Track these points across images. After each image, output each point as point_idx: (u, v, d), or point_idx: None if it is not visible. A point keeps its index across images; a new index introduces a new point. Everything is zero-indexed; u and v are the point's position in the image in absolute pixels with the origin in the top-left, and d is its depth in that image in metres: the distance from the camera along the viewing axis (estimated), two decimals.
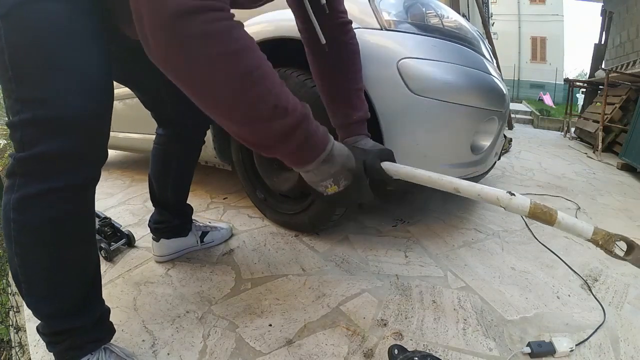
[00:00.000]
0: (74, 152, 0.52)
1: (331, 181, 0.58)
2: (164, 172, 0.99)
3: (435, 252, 1.15)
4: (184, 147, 0.98)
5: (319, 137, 0.53)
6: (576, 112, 6.10)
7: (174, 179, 1.00)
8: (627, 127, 3.19)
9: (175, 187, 1.02)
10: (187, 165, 1.02)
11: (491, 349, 0.75)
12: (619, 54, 5.49)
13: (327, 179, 0.57)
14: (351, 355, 0.73)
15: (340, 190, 0.59)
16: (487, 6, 7.52)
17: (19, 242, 0.55)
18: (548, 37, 15.93)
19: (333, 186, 0.58)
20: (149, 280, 1.00)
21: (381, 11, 1.01)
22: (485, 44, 1.35)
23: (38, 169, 0.52)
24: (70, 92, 0.50)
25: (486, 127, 1.13)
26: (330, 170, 0.56)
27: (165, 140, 0.97)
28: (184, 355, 0.73)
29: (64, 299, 0.60)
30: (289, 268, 1.05)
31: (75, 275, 0.61)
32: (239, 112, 0.46)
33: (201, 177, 2.04)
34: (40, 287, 0.58)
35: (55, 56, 0.50)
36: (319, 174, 0.57)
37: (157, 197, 1.03)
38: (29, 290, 0.58)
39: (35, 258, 0.56)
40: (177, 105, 0.90)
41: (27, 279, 0.57)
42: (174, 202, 1.04)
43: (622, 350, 0.76)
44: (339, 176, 0.57)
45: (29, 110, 0.50)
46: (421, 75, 0.97)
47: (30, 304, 0.59)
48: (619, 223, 1.50)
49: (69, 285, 0.60)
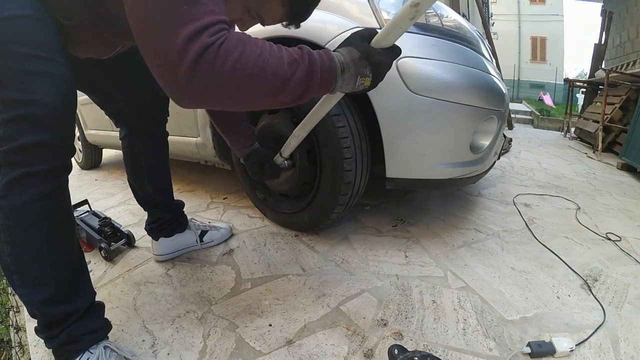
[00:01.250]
0: (50, 142, 0.59)
1: (359, 78, 0.61)
2: (137, 171, 1.03)
3: (435, 252, 1.15)
4: (147, 142, 1.01)
5: (326, 57, 0.58)
6: (576, 112, 6.09)
7: (148, 175, 1.03)
8: (627, 127, 3.19)
9: (152, 182, 1.04)
10: (156, 158, 1.04)
11: (491, 349, 0.75)
12: (619, 54, 5.48)
13: (356, 79, 0.61)
14: (351, 355, 0.73)
15: (373, 74, 0.62)
16: (487, 6, 7.52)
17: (8, 228, 0.59)
18: (548, 37, 15.92)
19: (365, 79, 0.62)
20: (149, 280, 1.00)
21: (381, 11, 1.01)
22: (485, 44, 1.35)
23: (19, 158, 0.57)
24: (46, 93, 0.58)
25: (485, 126, 1.13)
26: (351, 71, 0.60)
27: (128, 142, 1.01)
28: (184, 355, 0.73)
29: (54, 283, 0.63)
30: (289, 268, 1.05)
31: (63, 259, 0.65)
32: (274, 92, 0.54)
33: (201, 177, 2.05)
34: (31, 274, 0.61)
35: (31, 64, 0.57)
36: (348, 81, 0.61)
37: (141, 198, 1.07)
38: (21, 281, 0.61)
39: (24, 242, 0.60)
40: (129, 103, 0.95)
41: (19, 267, 0.61)
42: (157, 197, 1.06)
43: (622, 350, 0.76)
44: (360, 69, 0.61)
45: (9, 110, 0.56)
46: (420, 74, 0.97)
47: (24, 295, 0.62)
48: (619, 223, 1.50)
49: (58, 268, 0.63)
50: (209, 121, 1.39)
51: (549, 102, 12.29)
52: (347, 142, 1.03)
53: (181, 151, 1.65)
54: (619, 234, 1.35)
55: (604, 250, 1.22)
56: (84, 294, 0.68)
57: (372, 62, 0.61)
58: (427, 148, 1.04)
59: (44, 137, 0.58)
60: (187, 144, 1.58)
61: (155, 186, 1.04)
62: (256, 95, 0.53)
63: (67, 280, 0.65)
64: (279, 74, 0.52)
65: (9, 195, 0.58)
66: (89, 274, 0.72)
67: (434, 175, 1.08)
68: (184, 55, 0.45)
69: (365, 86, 0.63)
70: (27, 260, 0.61)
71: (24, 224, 0.59)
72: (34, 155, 0.58)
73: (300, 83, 0.54)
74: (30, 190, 0.59)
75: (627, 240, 1.31)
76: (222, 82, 0.49)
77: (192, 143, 1.55)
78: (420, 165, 1.06)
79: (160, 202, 1.07)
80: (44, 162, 0.59)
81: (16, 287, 0.62)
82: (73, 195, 0.71)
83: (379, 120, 1.02)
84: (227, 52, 0.47)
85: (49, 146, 0.59)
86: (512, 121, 5.60)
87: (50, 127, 0.58)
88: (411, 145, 1.03)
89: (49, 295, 0.62)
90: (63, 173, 0.63)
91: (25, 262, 0.61)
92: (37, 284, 0.61)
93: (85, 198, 1.44)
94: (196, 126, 1.49)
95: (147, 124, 0.99)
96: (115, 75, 0.91)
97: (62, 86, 0.60)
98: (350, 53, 0.60)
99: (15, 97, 0.56)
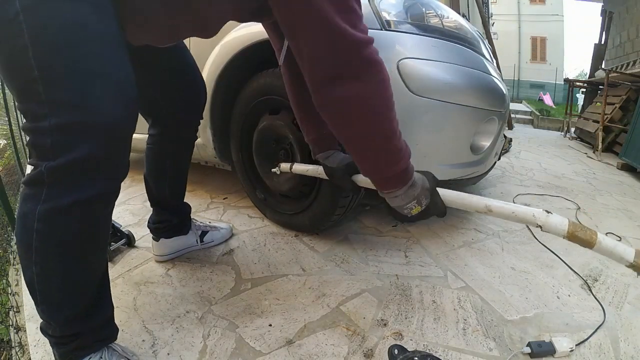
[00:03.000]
0: (105, 160, 0.51)
1: (415, 202, 0.67)
2: (160, 172, 0.99)
3: (435, 252, 1.15)
4: (178, 146, 0.99)
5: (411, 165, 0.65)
6: (576, 112, 6.09)
7: (170, 179, 1.00)
8: (627, 127, 3.19)
9: (172, 186, 1.02)
10: (181, 163, 1.03)
11: (491, 349, 0.75)
12: (619, 54, 5.48)
13: (412, 201, 0.67)
14: (351, 355, 0.73)
15: (423, 209, 0.69)
16: (487, 6, 7.51)
17: (42, 252, 0.54)
18: (548, 37, 15.92)
19: (417, 207, 0.68)
20: (149, 280, 1.00)
21: (381, 11, 1.01)
22: (485, 44, 1.35)
23: (69, 178, 0.50)
24: (106, 97, 0.49)
25: (486, 127, 1.13)
26: (414, 192, 0.66)
27: (158, 140, 0.96)
28: (184, 355, 0.73)
29: (78, 304, 0.60)
30: (289, 268, 1.05)
31: (90, 281, 0.61)
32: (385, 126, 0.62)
33: (201, 177, 2.04)
34: (55, 295, 0.58)
35: (89, 59, 0.49)
36: (406, 197, 0.67)
37: (155, 198, 1.03)
38: (44, 299, 0.58)
39: (56, 268, 0.56)
40: (169, 104, 0.91)
41: (44, 287, 0.57)
42: (172, 201, 1.04)
43: (622, 350, 0.76)
44: (421, 197, 0.67)
45: (62, 115, 0.48)
46: (421, 75, 0.97)
47: (44, 312, 0.59)
48: (619, 223, 1.50)
49: (84, 291, 0.60)
50: (209, 122, 1.38)
51: (549, 102, 12.29)
52: None
53: None
54: (619, 234, 1.35)
55: None
56: (104, 310, 0.66)
57: (432, 200, 0.69)
58: (428, 149, 1.04)
59: (99, 152, 0.50)
60: None
61: (173, 189, 1.02)
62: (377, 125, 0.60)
63: (91, 300, 0.62)
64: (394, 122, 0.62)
65: (53, 223, 0.52)
66: (110, 288, 0.69)
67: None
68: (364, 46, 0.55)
69: (411, 213, 0.69)
70: (52, 287, 0.57)
71: (59, 252, 0.54)
72: (85, 175, 0.50)
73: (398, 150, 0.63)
74: (74, 222, 0.52)
75: (627, 240, 1.31)
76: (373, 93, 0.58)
77: None
78: (420, 166, 1.05)
79: (172, 205, 1.05)
80: (94, 187, 0.52)
81: (38, 303, 0.58)
82: None
83: None
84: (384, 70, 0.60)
85: (103, 165, 0.51)
86: (512, 121, 5.60)
87: (107, 140, 0.50)
88: (412, 146, 1.01)
89: (69, 316, 0.59)
90: (113, 199, 0.57)
91: (51, 287, 0.57)
92: (60, 305, 0.58)
93: None
94: None
95: (181, 129, 0.96)
96: (159, 73, 0.86)
97: (124, 89, 0.52)
98: (423, 181, 0.69)
99: (70, 100, 0.48)
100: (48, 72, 0.47)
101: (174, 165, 1.00)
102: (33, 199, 0.52)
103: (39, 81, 0.47)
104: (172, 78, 0.89)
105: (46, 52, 0.47)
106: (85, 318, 0.62)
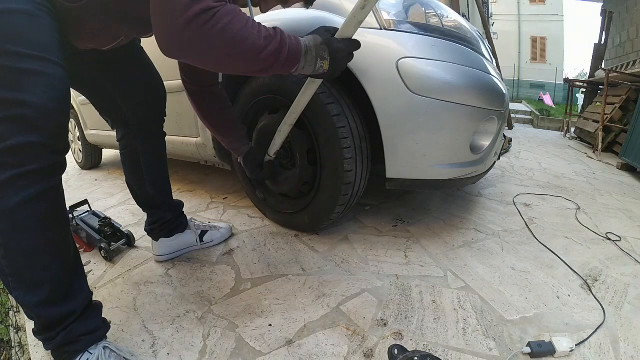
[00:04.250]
0: (41, 143, 0.58)
1: (319, 61, 0.70)
2: (137, 172, 1.02)
3: (435, 252, 1.15)
4: (146, 143, 1.01)
5: (294, 39, 0.67)
6: (576, 112, 6.09)
7: (148, 175, 1.02)
8: (627, 127, 3.19)
9: (153, 183, 1.04)
10: (155, 157, 1.04)
11: (491, 349, 0.75)
12: (619, 54, 5.48)
13: (316, 62, 0.70)
14: (351, 355, 0.73)
15: (330, 59, 0.71)
16: (487, 6, 7.52)
17: (0, 231, 0.58)
18: (548, 37, 15.92)
19: (324, 62, 0.71)
20: (149, 280, 1.00)
21: (381, 11, 1.01)
22: (485, 44, 1.35)
23: (10, 159, 0.56)
24: (39, 94, 0.57)
25: (486, 126, 1.13)
26: (312, 54, 0.69)
27: (127, 143, 1.01)
28: (184, 355, 0.73)
29: (49, 285, 0.62)
30: (289, 268, 1.05)
31: (57, 260, 0.64)
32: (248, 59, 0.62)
33: (201, 177, 2.05)
34: (25, 277, 0.61)
35: (24, 63, 0.56)
36: (309, 64, 0.70)
37: (141, 199, 1.06)
38: (16, 283, 0.61)
39: (17, 244, 0.59)
40: (128, 101, 0.95)
41: (13, 269, 0.60)
42: (158, 197, 1.06)
43: (622, 350, 0.76)
44: (320, 52, 0.70)
45: (4, 110, 0.55)
46: (421, 74, 0.97)
47: (19, 297, 0.62)
48: (619, 223, 1.50)
49: (52, 269, 0.63)
50: None
51: (549, 102, 12.29)
52: (347, 143, 1.03)
53: (181, 151, 1.66)
54: (619, 234, 1.35)
55: (604, 250, 1.22)
56: (80, 294, 0.67)
57: (331, 47, 0.70)
58: (428, 148, 1.04)
59: (34, 138, 0.57)
60: (188, 144, 1.58)
61: (155, 187, 1.04)
62: (233, 58, 0.61)
63: (62, 282, 0.64)
64: (256, 44, 0.60)
65: (0, 197, 0.57)
66: (85, 274, 0.71)
67: (434, 176, 1.08)
68: (187, 9, 0.53)
69: (324, 69, 0.72)
70: (20, 263, 0.60)
71: (16, 225, 0.58)
72: (25, 156, 0.57)
73: (270, 55, 0.63)
74: (21, 192, 0.58)
75: (627, 240, 1.31)
76: (209, 41, 0.56)
77: (192, 143, 1.55)
78: (420, 166, 1.06)
79: (160, 203, 1.06)
80: (34, 163, 0.58)
81: (11, 290, 0.61)
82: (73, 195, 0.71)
83: (379, 120, 1.02)
84: (220, 17, 0.56)
85: (40, 147, 0.58)
86: (512, 121, 5.60)
87: (42, 128, 0.58)
88: (411, 146, 1.03)
89: (43, 296, 0.61)
90: (55, 173, 0.62)
91: (19, 264, 0.60)
92: (31, 285, 0.61)
93: (85, 198, 1.43)
94: (196, 127, 1.50)
95: (146, 124, 0.99)
96: (115, 72, 0.91)
97: (55, 86, 0.59)
98: (314, 39, 0.70)
99: (7, 97, 0.55)
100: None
101: (150, 163, 1.02)
102: None
103: None
104: (127, 75, 0.93)
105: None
106: (61, 304, 0.63)
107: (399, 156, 1.05)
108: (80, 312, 0.66)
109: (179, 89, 1.46)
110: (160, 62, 1.19)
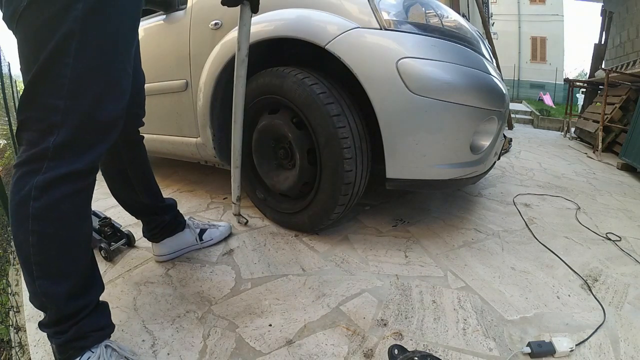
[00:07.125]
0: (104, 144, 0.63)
1: None
2: (125, 183, 0.96)
3: (435, 252, 1.15)
4: (131, 149, 0.94)
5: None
6: (576, 112, 6.08)
7: (140, 184, 0.97)
8: (627, 127, 3.19)
9: (147, 190, 0.99)
10: (140, 164, 0.98)
11: (491, 349, 0.75)
12: (619, 54, 5.48)
13: None
14: (351, 355, 0.73)
15: None
16: (487, 6, 7.52)
17: (39, 218, 0.59)
18: (548, 37, 15.91)
19: None
20: (149, 280, 1.00)
21: (381, 11, 1.01)
22: (485, 44, 1.35)
23: (69, 153, 0.60)
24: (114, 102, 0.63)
25: (486, 126, 1.13)
26: None
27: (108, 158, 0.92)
28: (184, 355, 0.73)
29: (76, 276, 0.64)
30: (289, 268, 1.05)
31: (83, 252, 0.66)
32: None
33: (201, 177, 2.04)
34: (54, 266, 0.62)
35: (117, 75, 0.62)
36: None
37: (135, 209, 1.02)
38: (42, 272, 0.61)
39: (54, 234, 0.61)
40: None
41: (42, 258, 0.60)
42: (153, 203, 1.02)
43: (622, 350, 0.76)
44: None
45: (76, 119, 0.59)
46: (420, 74, 0.97)
47: (43, 286, 0.61)
48: (619, 223, 1.50)
49: (81, 261, 0.66)
50: (209, 122, 1.39)
51: (549, 102, 12.29)
52: (347, 143, 1.03)
53: (181, 151, 1.65)
54: (619, 234, 1.35)
55: (604, 250, 1.22)
56: (97, 287, 0.70)
57: None
58: (428, 148, 1.04)
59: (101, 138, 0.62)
60: (187, 144, 1.58)
61: (148, 193, 1.00)
62: None
63: (85, 274, 0.67)
64: None
65: (49, 190, 0.59)
66: (97, 263, 0.73)
67: (434, 176, 1.08)
68: None
69: None
70: (53, 253, 0.61)
71: (56, 216, 0.60)
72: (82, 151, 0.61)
73: None
74: (68, 186, 0.61)
75: (627, 240, 1.31)
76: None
77: (192, 143, 1.55)
78: (420, 166, 1.06)
79: (156, 208, 1.03)
80: (82, 162, 0.61)
81: (35, 278, 0.61)
82: None
83: (379, 120, 1.02)
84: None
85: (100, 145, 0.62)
86: (512, 121, 5.60)
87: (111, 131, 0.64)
88: (411, 146, 1.03)
89: (68, 287, 0.63)
90: (95, 172, 0.67)
91: (51, 254, 0.61)
92: (59, 276, 0.62)
93: None
94: (196, 127, 1.49)
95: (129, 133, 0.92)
96: None
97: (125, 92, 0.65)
98: None
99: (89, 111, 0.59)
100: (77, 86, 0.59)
101: (136, 170, 0.96)
102: (30, 174, 0.59)
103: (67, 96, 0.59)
104: None
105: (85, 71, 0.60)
106: (80, 296, 0.65)
107: (399, 156, 1.05)
108: (93, 307, 0.67)
109: (179, 89, 1.47)
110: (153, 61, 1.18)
